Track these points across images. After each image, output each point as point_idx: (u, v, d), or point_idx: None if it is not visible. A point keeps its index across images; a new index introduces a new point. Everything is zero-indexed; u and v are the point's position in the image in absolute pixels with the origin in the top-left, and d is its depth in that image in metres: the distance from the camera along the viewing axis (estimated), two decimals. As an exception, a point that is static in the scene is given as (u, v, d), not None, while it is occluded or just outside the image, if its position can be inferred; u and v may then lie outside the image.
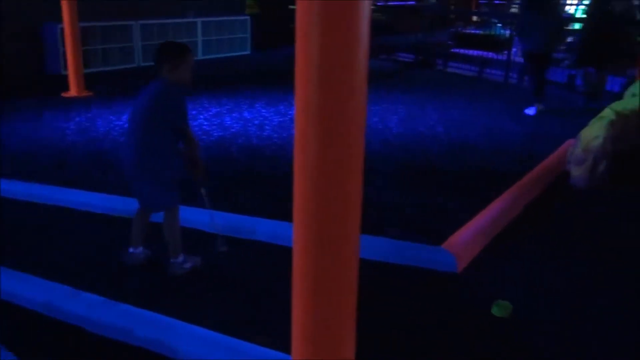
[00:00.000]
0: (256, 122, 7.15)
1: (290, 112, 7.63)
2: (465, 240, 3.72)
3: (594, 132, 5.04)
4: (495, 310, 3.06)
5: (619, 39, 7.99)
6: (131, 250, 3.48)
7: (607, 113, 5.30)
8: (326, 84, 1.58)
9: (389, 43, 14.19)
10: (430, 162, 5.72)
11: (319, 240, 1.70)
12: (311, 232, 1.71)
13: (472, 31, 14.71)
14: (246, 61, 12.86)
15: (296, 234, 1.74)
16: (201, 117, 7.30)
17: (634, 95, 5.74)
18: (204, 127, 6.83)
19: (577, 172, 5.05)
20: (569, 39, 11.35)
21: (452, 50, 13.11)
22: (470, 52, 12.49)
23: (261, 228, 3.85)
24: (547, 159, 5.60)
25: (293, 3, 13.40)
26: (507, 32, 13.91)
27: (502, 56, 11.25)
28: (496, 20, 14.52)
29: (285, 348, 2.26)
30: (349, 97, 1.61)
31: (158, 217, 3.39)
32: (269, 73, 11.05)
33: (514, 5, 17.81)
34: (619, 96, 6.59)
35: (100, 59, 10.54)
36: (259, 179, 5.13)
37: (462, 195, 4.74)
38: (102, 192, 4.49)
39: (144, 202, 3.35)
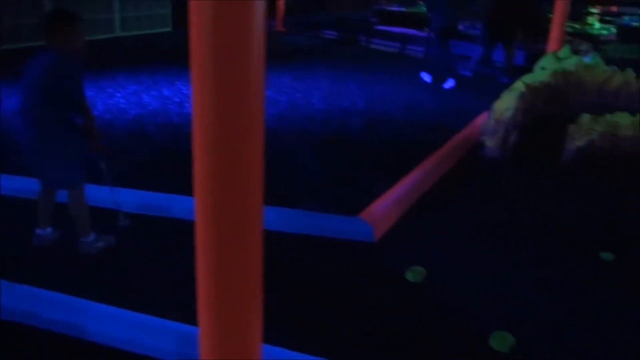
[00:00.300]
0: (176, 99, 6.96)
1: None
2: (382, 210, 3.78)
3: (506, 104, 5.23)
4: (409, 276, 3.14)
5: (526, 14, 8.32)
6: (38, 231, 3.32)
7: (518, 86, 5.51)
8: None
9: (316, 20, 14.17)
10: (352, 137, 5.76)
11: (219, 213, 1.67)
12: (211, 204, 1.67)
13: (396, 8, 14.90)
14: (167, 39, 12.46)
15: (198, 207, 1.71)
16: (118, 94, 7.03)
17: (543, 68, 6.00)
18: (121, 105, 6.59)
19: (490, 143, 5.23)
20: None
21: (376, 27, 13.24)
22: (393, 29, 12.66)
23: (177, 205, 3.76)
24: (463, 130, 5.77)
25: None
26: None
27: (424, 33, 11.45)
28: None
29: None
30: (245, 67, 1.57)
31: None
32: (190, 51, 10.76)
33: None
34: (527, 70, 6.86)
35: (11, 34, 9.93)
36: (178, 156, 5.01)
37: (381, 168, 4.81)
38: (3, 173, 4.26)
39: (46, 181, 3.20)
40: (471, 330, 2.74)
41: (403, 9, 14.44)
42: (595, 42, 11.94)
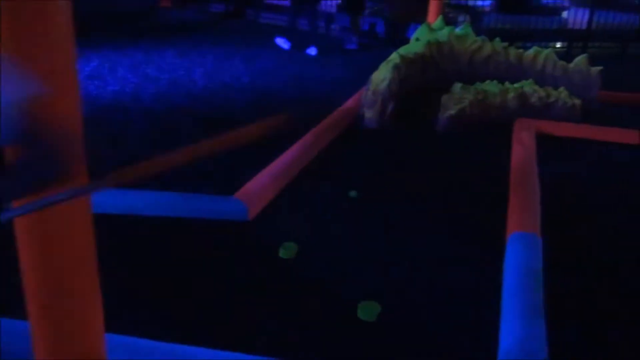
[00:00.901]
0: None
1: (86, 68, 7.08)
2: (257, 189, 3.76)
3: (382, 75, 5.34)
4: (282, 253, 3.15)
5: None
6: None
7: (394, 57, 5.64)
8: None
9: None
10: (233, 114, 5.67)
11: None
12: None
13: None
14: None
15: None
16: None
17: (417, 39, 6.17)
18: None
19: (369, 114, 5.34)
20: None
21: (266, 0, 13.03)
22: (284, 1, 12.52)
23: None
24: (346, 103, 5.84)
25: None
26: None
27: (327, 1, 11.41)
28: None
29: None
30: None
31: None
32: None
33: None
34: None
35: None
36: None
37: (260, 144, 4.76)
38: None
39: None
40: (339, 302, 2.80)
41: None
42: (473, 13, 12.49)
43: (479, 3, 13.33)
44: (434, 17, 8.50)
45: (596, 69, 6.10)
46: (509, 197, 3.82)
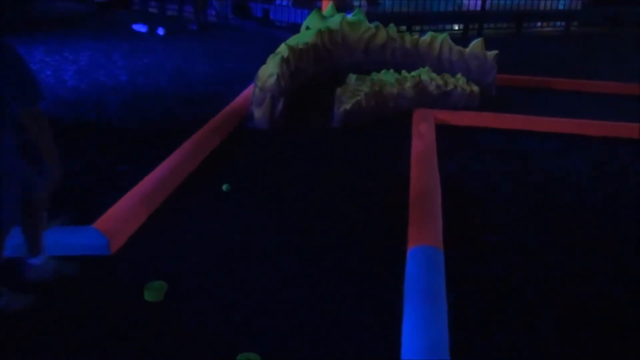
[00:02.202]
0: None
1: None
2: (121, 214, 3.19)
3: (269, 70, 4.87)
4: (147, 296, 2.64)
5: None
6: None
7: (282, 49, 5.18)
8: None
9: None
10: (107, 118, 5.02)
11: None
12: None
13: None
14: None
15: None
16: None
17: (308, 28, 5.74)
18: None
19: (257, 114, 4.87)
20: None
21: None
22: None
23: None
24: (233, 102, 5.34)
25: None
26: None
27: None
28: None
29: None
30: None
31: None
32: None
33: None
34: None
35: None
36: None
37: (137, 155, 4.19)
38: None
39: None
40: (216, 355, 2.33)
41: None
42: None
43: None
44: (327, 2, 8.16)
45: (492, 54, 5.95)
46: (408, 202, 3.49)
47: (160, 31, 9.15)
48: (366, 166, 4.22)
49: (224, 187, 3.72)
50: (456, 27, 10.19)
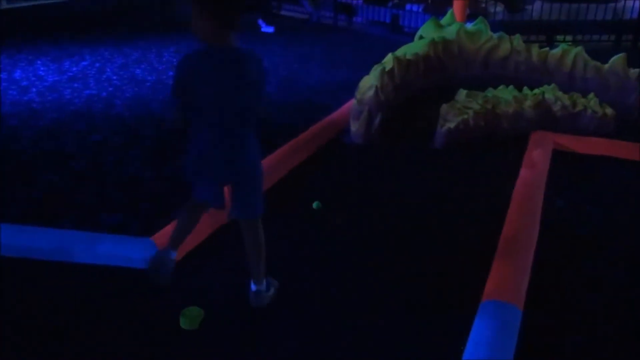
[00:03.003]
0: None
1: (73, 69, 6.62)
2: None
3: (369, 82, 4.58)
4: (182, 322, 2.50)
5: None
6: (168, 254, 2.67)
7: (387, 59, 4.86)
8: None
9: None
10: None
11: None
12: None
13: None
14: (67, 8, 11.47)
15: None
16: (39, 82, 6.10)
17: (421, 37, 5.36)
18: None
19: (354, 127, 4.60)
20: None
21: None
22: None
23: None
24: (334, 113, 5.11)
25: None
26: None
27: None
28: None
29: None
30: None
31: None
32: (96, 21, 9.84)
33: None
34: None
35: None
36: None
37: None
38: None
39: (240, 210, 2.52)
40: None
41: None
42: (516, 1, 11.39)
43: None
44: (459, 4, 7.66)
45: (636, 72, 5.12)
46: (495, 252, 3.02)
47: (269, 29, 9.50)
48: (460, 197, 3.78)
49: (315, 204, 3.51)
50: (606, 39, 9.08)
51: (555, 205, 3.65)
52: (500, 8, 9.24)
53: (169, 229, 3.05)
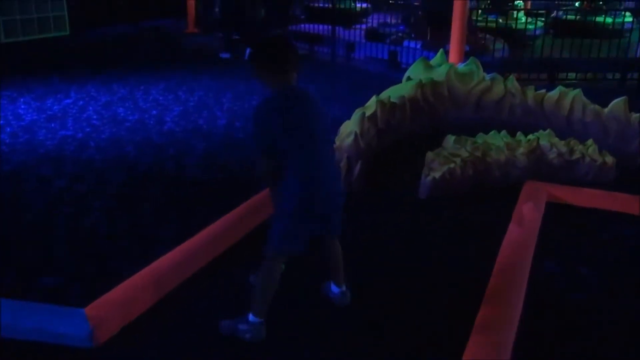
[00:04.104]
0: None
1: (97, 100, 6.41)
2: (127, 296, 2.78)
3: (350, 127, 4.29)
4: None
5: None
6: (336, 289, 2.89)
7: (370, 103, 4.59)
8: None
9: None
10: (180, 168, 4.76)
11: None
12: None
13: (323, 5, 13.86)
14: (64, 44, 11.47)
15: None
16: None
17: (409, 78, 5.09)
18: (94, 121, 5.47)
19: (332, 176, 4.28)
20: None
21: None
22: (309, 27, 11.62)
23: None
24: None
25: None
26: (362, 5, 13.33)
27: (353, 30, 10.44)
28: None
29: None
30: None
31: None
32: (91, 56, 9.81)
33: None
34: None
35: None
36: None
37: (189, 215, 3.83)
38: None
39: (332, 228, 2.72)
40: None
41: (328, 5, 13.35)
42: (520, 38, 11.17)
43: (528, 26, 12.01)
44: (455, 43, 7.42)
45: (637, 117, 4.79)
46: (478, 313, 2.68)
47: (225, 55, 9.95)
48: (439, 257, 3.43)
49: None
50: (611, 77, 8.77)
51: (545, 269, 3.30)
52: (500, 44, 8.98)
53: (110, 297, 2.75)
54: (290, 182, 2.48)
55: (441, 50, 5.57)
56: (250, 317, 2.58)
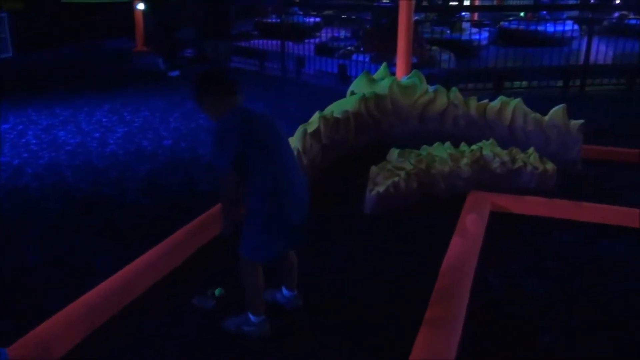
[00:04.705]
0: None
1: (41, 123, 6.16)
2: (54, 333, 2.64)
3: (292, 144, 4.21)
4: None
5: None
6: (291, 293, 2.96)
7: (313, 119, 4.55)
8: None
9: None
10: (120, 192, 4.61)
11: None
12: None
13: (273, 20, 13.83)
14: (6, 66, 11.12)
15: None
16: None
17: (353, 93, 5.07)
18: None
19: (276, 195, 4.21)
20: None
21: (235, 44, 12.02)
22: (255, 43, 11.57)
23: None
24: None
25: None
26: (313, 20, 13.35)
27: (303, 44, 10.39)
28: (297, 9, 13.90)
29: None
30: None
31: None
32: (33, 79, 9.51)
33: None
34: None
35: None
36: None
37: (127, 242, 3.69)
38: None
39: (300, 241, 2.80)
40: None
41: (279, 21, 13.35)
42: (466, 48, 11.36)
43: (474, 37, 12.24)
44: (401, 55, 7.47)
45: (576, 124, 4.88)
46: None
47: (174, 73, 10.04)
48: (382, 272, 3.39)
49: (217, 291, 3.07)
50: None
51: (488, 281, 3.29)
52: (447, 56, 9.10)
53: (36, 334, 2.60)
54: (260, 195, 2.53)
55: (384, 63, 5.58)
56: (252, 317, 2.69)
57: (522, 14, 15.06)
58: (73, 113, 7.25)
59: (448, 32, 11.73)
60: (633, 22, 12.81)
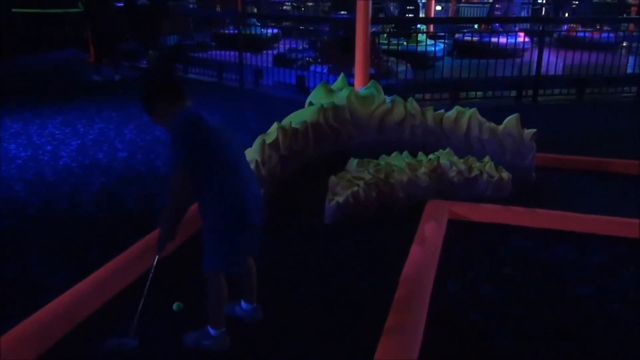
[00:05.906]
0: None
1: None
2: (5, 352, 2.53)
3: (251, 156, 4.19)
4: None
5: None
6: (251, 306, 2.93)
7: (272, 129, 4.53)
8: None
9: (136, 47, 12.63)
10: (73, 207, 4.48)
11: None
12: None
13: (232, 31, 13.75)
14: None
15: None
16: None
17: (311, 103, 5.08)
18: None
19: (235, 206, 4.16)
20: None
21: (192, 54, 11.88)
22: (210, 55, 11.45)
23: None
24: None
25: (19, 6, 11.97)
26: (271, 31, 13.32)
27: (261, 56, 10.32)
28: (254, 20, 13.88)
29: None
30: None
31: None
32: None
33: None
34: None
35: None
36: None
37: (82, 258, 3.59)
38: None
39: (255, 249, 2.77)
40: None
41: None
42: (423, 60, 11.53)
43: (429, 48, 12.44)
44: (361, 64, 7.52)
45: (529, 132, 5.00)
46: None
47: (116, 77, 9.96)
48: (342, 282, 3.38)
49: (175, 306, 2.99)
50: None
51: (447, 289, 3.32)
52: (404, 67, 9.22)
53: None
54: (218, 200, 2.51)
55: (342, 74, 5.61)
56: (211, 331, 2.67)
57: (475, 26, 15.41)
58: (24, 125, 7.02)
59: (404, 43, 11.90)
60: (581, 34, 13.26)
